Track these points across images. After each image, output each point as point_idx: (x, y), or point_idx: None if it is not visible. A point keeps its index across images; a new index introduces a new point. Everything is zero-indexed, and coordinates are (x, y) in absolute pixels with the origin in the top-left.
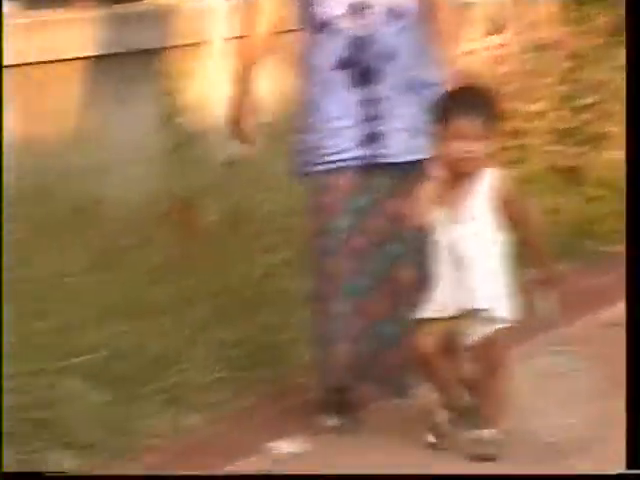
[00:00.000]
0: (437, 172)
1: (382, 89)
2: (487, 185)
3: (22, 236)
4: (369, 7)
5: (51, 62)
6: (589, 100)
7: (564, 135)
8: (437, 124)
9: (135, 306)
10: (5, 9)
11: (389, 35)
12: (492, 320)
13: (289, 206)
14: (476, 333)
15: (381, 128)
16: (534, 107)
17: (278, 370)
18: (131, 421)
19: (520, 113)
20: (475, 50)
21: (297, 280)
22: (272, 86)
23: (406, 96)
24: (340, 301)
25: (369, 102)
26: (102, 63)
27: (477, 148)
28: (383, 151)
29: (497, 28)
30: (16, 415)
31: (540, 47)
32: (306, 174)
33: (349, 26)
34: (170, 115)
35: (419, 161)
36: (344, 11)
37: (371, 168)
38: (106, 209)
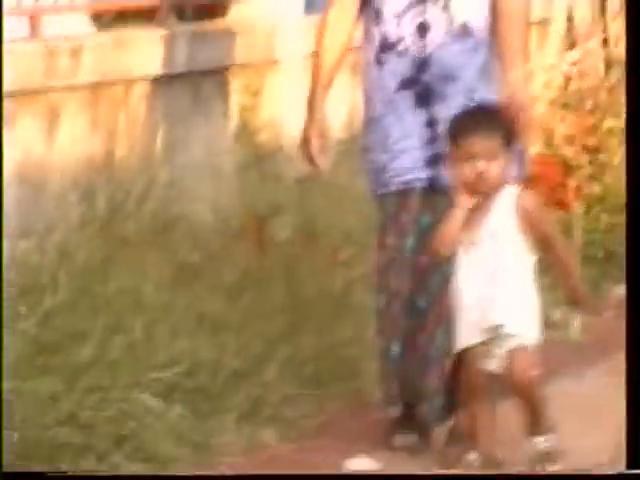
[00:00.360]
0: (460, 196)
1: (444, 110)
2: (508, 204)
3: (100, 253)
4: (435, 28)
5: (126, 81)
6: None
7: None
8: (451, 145)
9: (211, 322)
10: (85, 28)
11: (450, 56)
12: (518, 338)
13: (363, 222)
14: (500, 354)
15: (443, 151)
16: (614, 123)
17: (354, 385)
18: (207, 436)
19: (599, 129)
20: (555, 65)
21: (372, 295)
22: (344, 104)
23: None
24: (405, 319)
25: (432, 123)
26: (178, 81)
27: (491, 168)
28: (442, 176)
29: (576, 43)
30: (96, 429)
31: (619, 63)
32: (375, 194)
33: (413, 46)
34: (244, 132)
35: None
36: (409, 31)
37: (435, 189)
38: (182, 226)
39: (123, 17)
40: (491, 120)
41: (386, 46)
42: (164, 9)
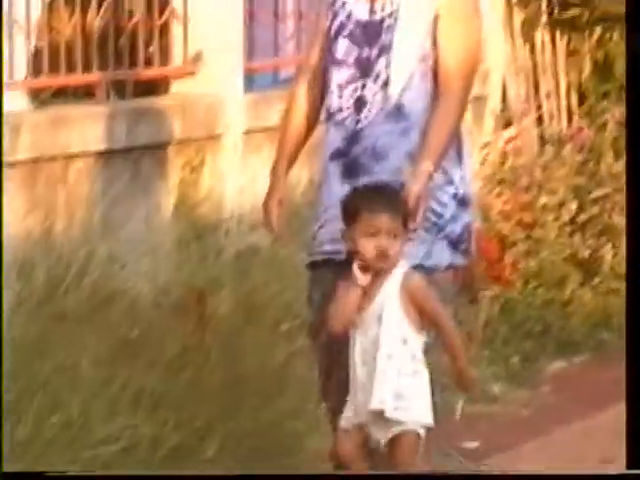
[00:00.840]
0: (357, 273)
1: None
2: (394, 286)
3: (37, 329)
4: (370, 104)
5: (65, 157)
6: (602, 192)
7: (579, 227)
8: (348, 221)
9: (150, 398)
10: (23, 105)
11: (380, 134)
12: (398, 423)
13: (303, 294)
14: (383, 436)
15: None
16: (548, 199)
17: (296, 461)
18: None
19: (534, 205)
20: (489, 143)
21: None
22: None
23: None
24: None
25: None
26: (117, 157)
27: (390, 245)
28: None
29: (511, 120)
30: None
31: (554, 140)
32: (306, 264)
33: (348, 119)
34: (184, 207)
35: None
36: (347, 104)
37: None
38: (121, 301)
39: (62, 93)
40: (395, 199)
41: (328, 116)
42: (104, 85)
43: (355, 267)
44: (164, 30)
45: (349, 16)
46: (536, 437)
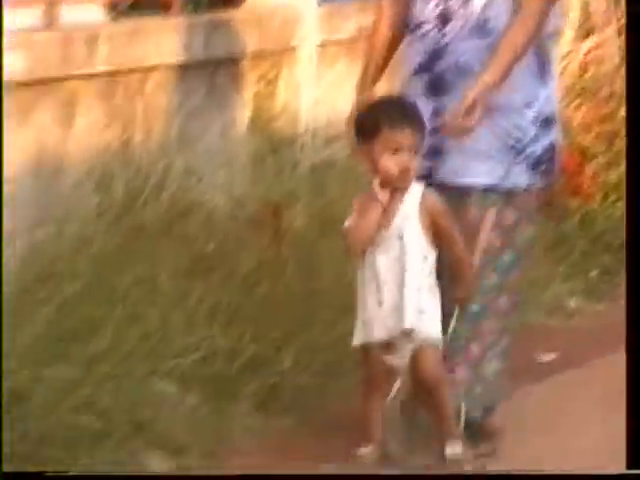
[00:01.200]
0: (379, 191)
1: (452, 103)
2: (413, 203)
3: (116, 242)
4: (455, 18)
5: (143, 69)
6: None
7: None
8: (366, 138)
9: (226, 310)
10: (101, 17)
11: (469, 49)
12: (420, 340)
13: None
14: (408, 352)
15: (444, 143)
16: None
17: None
18: (223, 423)
19: (615, 116)
20: (570, 52)
21: None
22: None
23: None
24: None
25: (437, 113)
26: (193, 70)
27: (411, 161)
28: (444, 168)
29: (592, 31)
30: (113, 416)
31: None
32: None
33: (432, 33)
34: (259, 121)
35: (474, 187)
36: (431, 17)
37: (427, 183)
38: (198, 213)
39: (139, 6)
40: (415, 113)
41: (412, 27)
42: None
43: (375, 183)
44: None
45: None
46: (614, 351)
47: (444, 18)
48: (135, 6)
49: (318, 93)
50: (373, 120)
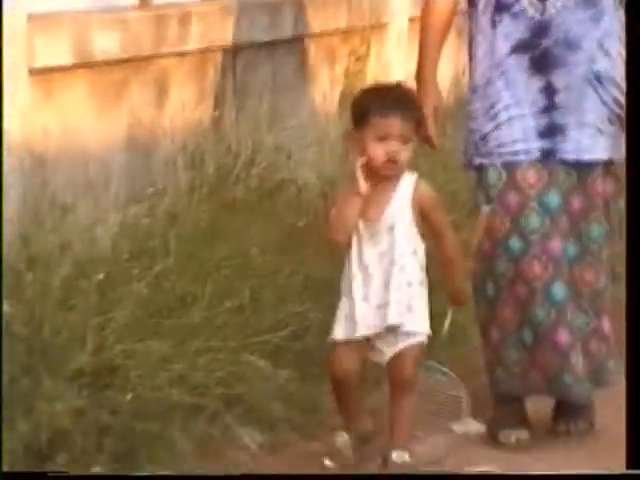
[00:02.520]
0: (359, 180)
1: (563, 78)
2: (408, 191)
3: (208, 216)
4: None
5: (233, 47)
6: None
7: None
8: (357, 123)
9: (318, 286)
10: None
11: (572, 22)
12: (406, 335)
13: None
14: (390, 350)
15: (561, 120)
16: None
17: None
18: (316, 399)
19: None
20: None
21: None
22: (448, 69)
23: (588, 89)
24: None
25: (548, 90)
26: (283, 47)
27: (401, 150)
28: (562, 146)
29: None
30: (206, 391)
31: None
32: (472, 164)
33: (530, 8)
34: (350, 97)
35: (597, 162)
36: None
37: (549, 163)
38: (287, 190)
39: None
40: (408, 101)
41: (501, 6)
42: None
43: (358, 174)
44: None
45: None
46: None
47: None
48: None
49: (408, 69)
50: (364, 106)
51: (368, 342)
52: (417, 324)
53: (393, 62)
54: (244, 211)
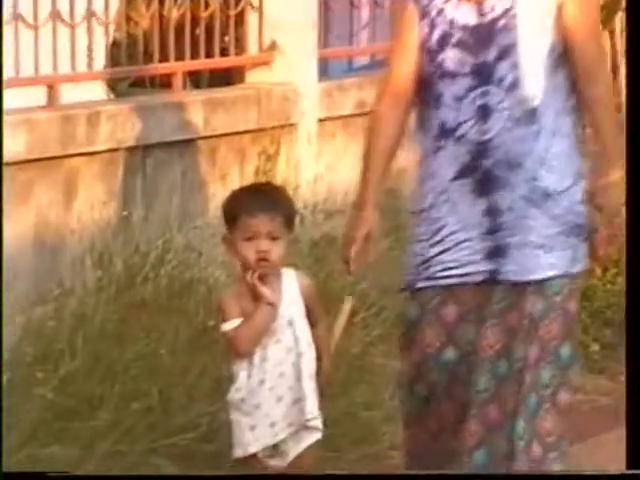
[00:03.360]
0: (262, 289)
1: (506, 199)
2: (294, 285)
3: (116, 317)
4: (497, 111)
5: (145, 146)
6: None
7: None
8: (229, 224)
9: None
10: (102, 95)
11: (515, 141)
12: (306, 431)
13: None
14: (294, 450)
15: (506, 241)
16: None
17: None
18: None
19: None
20: None
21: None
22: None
23: (531, 208)
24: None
25: (492, 212)
26: (193, 146)
27: (271, 248)
28: (509, 267)
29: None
30: None
31: None
32: (412, 288)
33: (472, 131)
34: None
35: (547, 279)
36: (469, 115)
37: (495, 282)
38: (199, 290)
39: (139, 84)
40: (275, 199)
41: (444, 132)
42: (180, 75)
43: (262, 287)
44: (239, 20)
45: (452, 23)
46: (616, 427)
47: (484, 113)
48: (136, 84)
49: (317, 168)
50: (232, 208)
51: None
52: (318, 419)
53: (302, 162)
54: (153, 311)
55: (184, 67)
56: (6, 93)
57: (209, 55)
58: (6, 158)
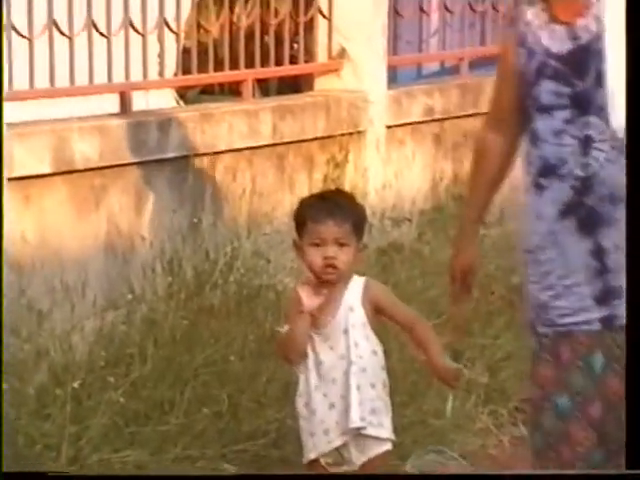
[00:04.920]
0: (305, 298)
1: (613, 237)
2: (357, 294)
3: (186, 323)
4: (598, 142)
5: (213, 154)
6: None
7: None
8: (299, 230)
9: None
10: (172, 103)
11: (617, 173)
12: (373, 440)
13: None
14: (359, 458)
15: (617, 283)
16: None
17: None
18: None
19: None
20: None
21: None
22: (429, 173)
23: None
24: None
25: (599, 253)
26: (262, 153)
27: (338, 255)
28: (620, 311)
29: None
30: None
31: None
32: (534, 330)
33: (575, 167)
34: None
35: None
36: (571, 151)
37: (608, 329)
38: (267, 296)
39: (210, 91)
40: (342, 206)
41: (546, 169)
42: (249, 83)
43: (302, 292)
44: (309, 27)
45: (547, 52)
46: None
47: (586, 146)
48: (206, 91)
49: (386, 175)
50: (301, 215)
51: (338, 451)
52: (382, 429)
53: (371, 169)
54: (222, 317)
55: (254, 75)
56: (79, 100)
57: (279, 63)
58: (79, 164)
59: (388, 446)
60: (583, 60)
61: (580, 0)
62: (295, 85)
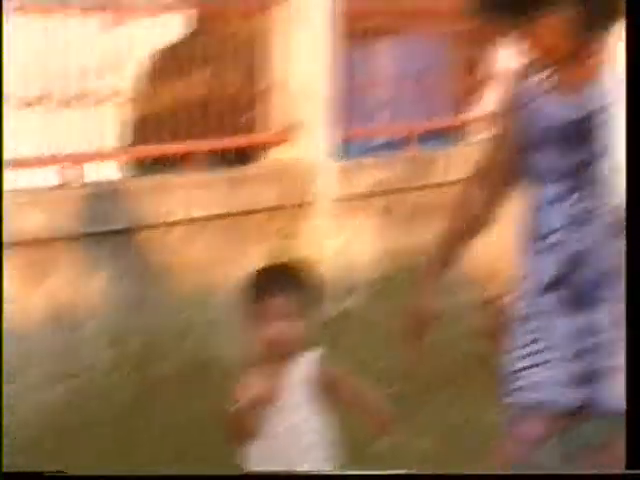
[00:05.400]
0: (255, 365)
1: (599, 319)
2: (307, 370)
3: (131, 394)
4: (593, 217)
5: (165, 224)
6: None
7: None
8: (250, 305)
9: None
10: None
11: (608, 254)
12: None
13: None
14: None
15: (599, 366)
16: None
17: None
18: None
19: None
20: None
21: None
22: (376, 241)
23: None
24: None
25: (583, 333)
26: (213, 223)
27: (287, 330)
28: (599, 395)
29: None
30: None
31: None
32: (500, 399)
33: (566, 240)
34: None
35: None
36: (564, 222)
37: (584, 412)
38: (213, 369)
39: (162, 162)
40: (294, 280)
41: (538, 237)
42: (200, 155)
43: (251, 369)
44: (263, 97)
45: (550, 120)
46: None
47: (581, 220)
48: (158, 162)
49: (336, 246)
50: (252, 287)
51: None
52: None
53: (321, 240)
54: (171, 390)
55: (207, 146)
56: (25, 172)
57: (232, 133)
58: (26, 236)
59: None
60: (586, 131)
61: (586, 69)
62: (248, 154)
